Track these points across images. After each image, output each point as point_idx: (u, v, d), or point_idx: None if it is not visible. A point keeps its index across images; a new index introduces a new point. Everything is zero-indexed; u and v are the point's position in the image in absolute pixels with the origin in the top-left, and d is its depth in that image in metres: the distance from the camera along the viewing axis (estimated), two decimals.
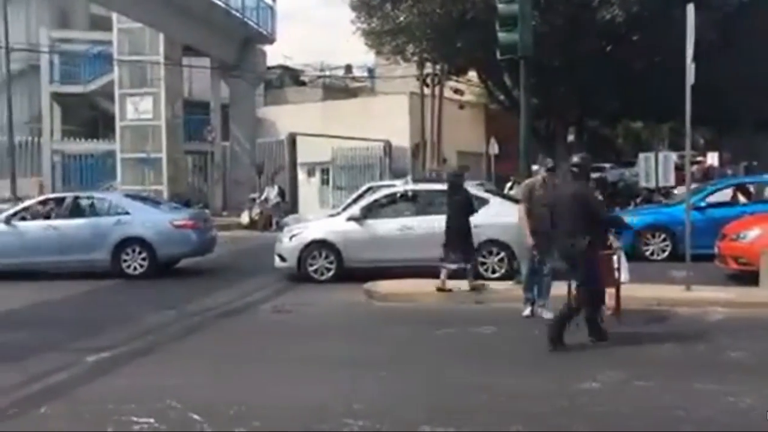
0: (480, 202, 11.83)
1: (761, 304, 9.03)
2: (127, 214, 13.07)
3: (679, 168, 19.50)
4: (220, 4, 25.66)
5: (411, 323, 8.76)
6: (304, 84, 40.73)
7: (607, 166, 33.92)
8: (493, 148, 30.13)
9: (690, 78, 9.45)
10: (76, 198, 13.96)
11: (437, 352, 7.40)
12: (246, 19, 27.79)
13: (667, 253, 13.16)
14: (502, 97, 26.27)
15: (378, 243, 11.71)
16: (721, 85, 19.43)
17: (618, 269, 8.25)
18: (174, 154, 27.99)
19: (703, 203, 13.35)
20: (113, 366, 6.96)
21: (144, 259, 12.69)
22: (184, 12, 24.47)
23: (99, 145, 30.87)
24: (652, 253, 13.28)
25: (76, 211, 13.45)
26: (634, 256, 11.67)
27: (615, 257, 8.32)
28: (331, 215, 13.72)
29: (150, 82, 27.40)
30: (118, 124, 28.01)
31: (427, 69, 28.59)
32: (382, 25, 22.93)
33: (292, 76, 41.48)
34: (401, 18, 21.81)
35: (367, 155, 28.64)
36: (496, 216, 11.17)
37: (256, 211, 23.36)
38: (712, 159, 32.68)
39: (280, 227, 17.54)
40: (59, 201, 13.96)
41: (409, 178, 19.22)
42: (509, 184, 21.92)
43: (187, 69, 29.46)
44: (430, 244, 11.35)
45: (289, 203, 24.22)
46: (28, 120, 32.17)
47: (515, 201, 9.71)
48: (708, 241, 10.98)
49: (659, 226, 13.47)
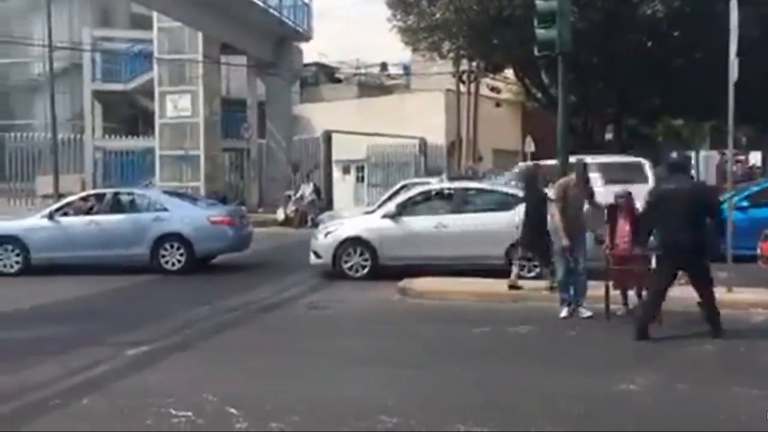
0: (516, 201, 11.78)
1: None
2: (165, 210, 13.25)
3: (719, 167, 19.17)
4: (258, 2, 25.82)
5: (446, 321, 8.74)
6: (339, 81, 40.87)
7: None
8: (530, 147, 29.89)
9: (733, 74, 9.27)
10: (117, 194, 14.20)
11: (472, 350, 7.38)
12: (283, 18, 27.95)
13: None
14: (539, 95, 26.05)
15: (413, 240, 11.69)
16: (764, 83, 19.01)
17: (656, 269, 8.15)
18: (211, 152, 28.30)
19: (746, 203, 13.10)
20: (151, 360, 7.07)
21: (182, 254, 12.86)
22: (222, 11, 24.72)
23: (139, 143, 31.31)
24: None
25: (116, 207, 13.68)
26: None
27: (654, 258, 8.22)
28: (366, 212, 13.73)
29: (189, 80, 27.72)
30: (158, 122, 28.42)
31: (464, 66, 28.46)
32: (418, 22, 22.87)
33: (328, 74, 41.63)
34: (437, 15, 21.72)
35: (402, 153, 28.64)
36: None
37: (292, 208, 23.51)
38: (755, 158, 32.05)
39: (315, 224, 17.63)
40: (100, 197, 14.18)
41: (444, 176, 19.16)
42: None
43: (225, 67, 29.74)
44: (466, 242, 11.37)
45: (324, 200, 24.31)
46: (70, 117, 32.85)
47: (550, 200, 9.60)
48: (750, 241, 10.75)
49: None
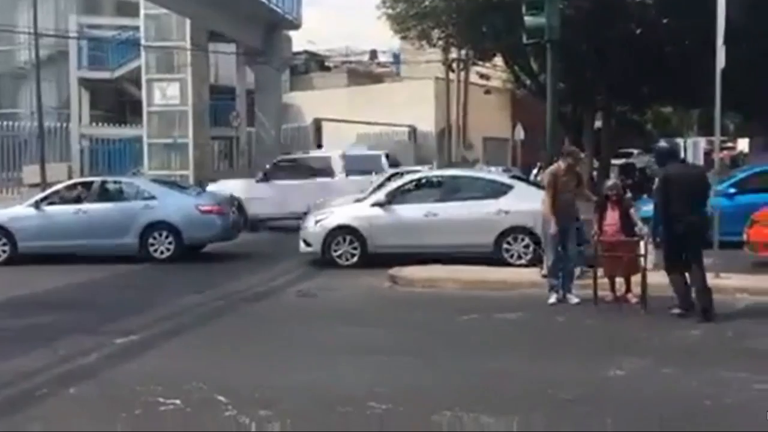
0: (505, 188, 11.81)
1: None
2: (153, 198, 13.19)
3: (707, 154, 19.25)
4: None
5: (435, 309, 8.75)
6: (329, 69, 40.73)
7: (635, 152, 33.57)
8: (519, 134, 29.94)
9: (720, 61, 9.28)
10: (104, 183, 14.13)
11: (461, 337, 7.40)
12: (272, 5, 27.76)
13: None
14: (529, 82, 25.99)
15: (402, 229, 11.69)
16: (752, 70, 19.05)
17: (644, 256, 8.20)
18: (200, 140, 28.11)
19: (732, 189, 13.16)
20: (141, 348, 7.06)
21: (170, 243, 12.81)
22: None
23: (126, 131, 31.09)
24: None
25: (104, 195, 13.60)
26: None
27: (641, 243, 8.28)
28: (356, 201, 13.72)
29: (177, 68, 27.49)
30: (145, 110, 28.17)
31: (453, 54, 28.40)
32: (407, 10, 22.77)
33: (318, 62, 41.47)
34: (427, 2, 21.64)
35: (392, 140, 28.60)
36: (521, 202, 11.12)
37: None
38: (743, 145, 32.20)
39: (305, 212, 17.57)
40: (87, 185, 14.11)
41: (434, 164, 19.13)
42: (535, 171, 21.81)
43: (214, 55, 29.55)
44: (455, 230, 11.38)
45: None
46: (57, 105, 32.56)
47: (541, 187, 9.61)
48: (736, 227, 10.82)
49: None
